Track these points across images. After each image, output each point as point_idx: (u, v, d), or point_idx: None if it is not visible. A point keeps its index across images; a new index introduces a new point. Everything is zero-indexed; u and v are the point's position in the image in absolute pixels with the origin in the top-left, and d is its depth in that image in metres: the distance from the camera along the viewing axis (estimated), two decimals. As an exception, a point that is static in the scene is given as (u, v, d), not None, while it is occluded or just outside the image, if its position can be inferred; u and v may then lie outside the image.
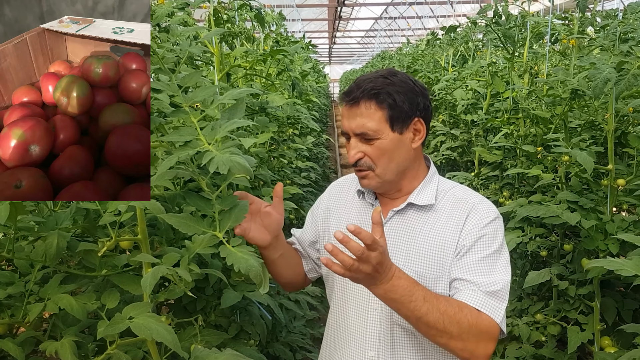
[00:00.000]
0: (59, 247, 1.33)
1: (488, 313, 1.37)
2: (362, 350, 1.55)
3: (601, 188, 2.73)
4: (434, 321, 1.31)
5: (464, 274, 1.43)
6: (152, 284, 1.20)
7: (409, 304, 1.29)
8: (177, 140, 1.18)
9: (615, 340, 2.61)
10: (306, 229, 1.78)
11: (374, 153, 1.48)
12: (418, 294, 1.30)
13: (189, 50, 1.31)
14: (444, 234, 1.49)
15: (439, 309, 1.31)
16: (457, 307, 1.34)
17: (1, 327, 1.41)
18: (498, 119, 3.91)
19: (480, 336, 1.35)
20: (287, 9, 10.62)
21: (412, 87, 1.50)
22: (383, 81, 1.48)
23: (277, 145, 3.83)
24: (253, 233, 1.51)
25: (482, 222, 1.48)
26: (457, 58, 6.59)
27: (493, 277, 1.42)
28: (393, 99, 1.46)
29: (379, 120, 1.46)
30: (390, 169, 1.50)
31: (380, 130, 1.46)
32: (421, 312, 1.30)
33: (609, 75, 2.21)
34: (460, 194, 1.56)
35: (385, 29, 23.78)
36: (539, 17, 4.02)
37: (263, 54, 2.56)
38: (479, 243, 1.46)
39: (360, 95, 1.46)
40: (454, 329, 1.32)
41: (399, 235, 1.54)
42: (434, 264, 1.48)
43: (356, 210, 1.65)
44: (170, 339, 1.24)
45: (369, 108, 1.46)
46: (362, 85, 1.47)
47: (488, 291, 1.39)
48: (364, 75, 1.52)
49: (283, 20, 4.03)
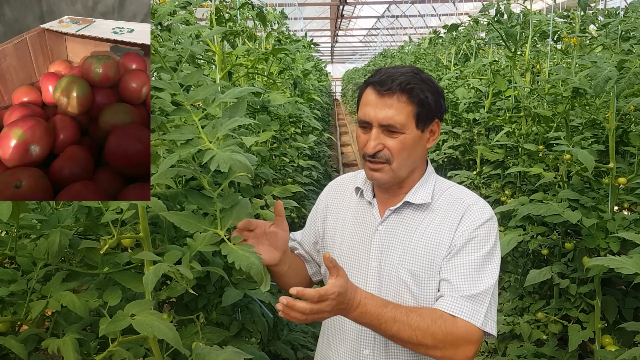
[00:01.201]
0: (61, 244, 1.34)
1: (466, 318, 1.39)
2: (357, 348, 1.55)
3: (602, 186, 2.73)
4: (407, 337, 1.35)
5: (450, 275, 1.45)
6: (153, 282, 1.21)
7: (379, 326, 1.34)
8: (179, 139, 1.19)
9: (616, 338, 2.61)
10: (306, 231, 1.78)
11: (396, 147, 1.47)
12: (387, 315, 1.34)
13: (190, 49, 1.32)
14: (439, 233, 1.49)
15: (410, 325, 1.35)
16: (430, 320, 1.37)
17: (4, 324, 1.42)
18: (500, 117, 3.91)
19: (457, 342, 1.38)
20: (289, 8, 10.62)
21: (437, 88, 1.51)
22: (415, 77, 1.47)
23: (278, 144, 3.83)
24: (264, 256, 1.51)
25: (475, 223, 1.48)
26: (459, 56, 6.58)
27: (476, 281, 1.43)
28: (425, 96, 1.47)
29: (408, 115, 1.46)
30: (406, 165, 1.51)
31: (407, 125, 1.46)
32: (392, 331, 1.34)
33: (610, 74, 2.21)
34: (457, 194, 1.56)
35: (387, 28, 23.77)
36: (541, 15, 4.01)
37: (265, 52, 2.56)
38: (469, 245, 1.46)
39: (395, 87, 1.45)
40: (429, 340, 1.36)
41: (396, 235, 1.54)
42: (427, 263, 1.48)
43: (353, 210, 1.65)
44: (172, 337, 1.24)
45: (400, 101, 1.45)
46: (395, 78, 1.46)
47: (468, 295, 1.41)
48: (392, 68, 1.51)
49: (285, 19, 4.03)
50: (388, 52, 14.35)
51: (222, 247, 1.26)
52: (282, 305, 1.23)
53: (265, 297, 2.17)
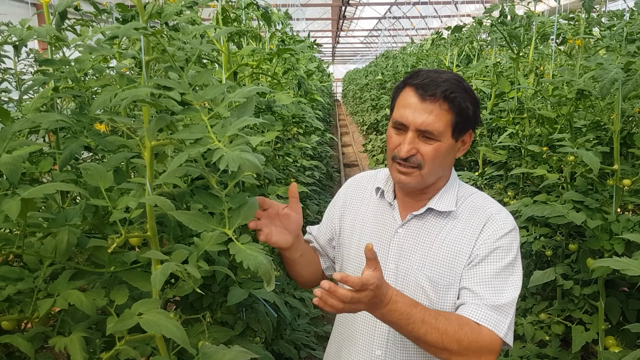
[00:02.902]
0: (69, 243, 1.34)
1: (490, 327, 1.38)
2: (369, 349, 1.55)
3: (606, 188, 2.73)
4: (433, 341, 1.32)
5: (473, 284, 1.43)
6: (162, 280, 1.21)
7: (407, 326, 1.31)
8: (188, 138, 1.19)
9: (620, 340, 2.61)
10: (323, 226, 1.78)
11: (430, 154, 1.45)
12: (416, 316, 1.31)
13: (200, 48, 1.32)
14: (460, 241, 1.48)
15: (437, 329, 1.32)
16: (457, 326, 1.35)
17: (10, 322, 1.42)
18: (503, 118, 3.91)
19: (481, 351, 1.36)
20: (292, 8, 10.62)
21: (476, 99, 1.49)
22: (458, 85, 1.45)
23: (282, 144, 3.84)
24: (275, 237, 1.50)
25: (498, 233, 1.46)
26: (462, 58, 6.58)
27: (501, 291, 1.41)
28: (466, 105, 1.45)
29: (447, 123, 1.44)
30: (435, 172, 1.49)
31: (443, 134, 1.44)
32: (419, 333, 1.31)
33: (617, 76, 2.21)
34: (479, 202, 1.54)
35: (388, 29, 23.77)
36: (544, 17, 4.01)
37: (270, 52, 2.56)
38: (492, 255, 1.45)
39: (439, 94, 1.42)
40: (454, 346, 1.33)
41: (416, 239, 1.53)
42: (447, 271, 1.47)
43: (373, 209, 1.64)
44: (179, 335, 1.24)
45: (442, 109, 1.43)
46: (439, 84, 1.43)
47: (493, 305, 1.39)
48: (434, 72, 1.47)
49: (289, 20, 4.03)
50: (390, 53, 14.35)
51: (230, 247, 1.26)
52: (321, 291, 1.19)
53: (269, 297, 2.17)
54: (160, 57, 1.31)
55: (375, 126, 11.54)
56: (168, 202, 1.27)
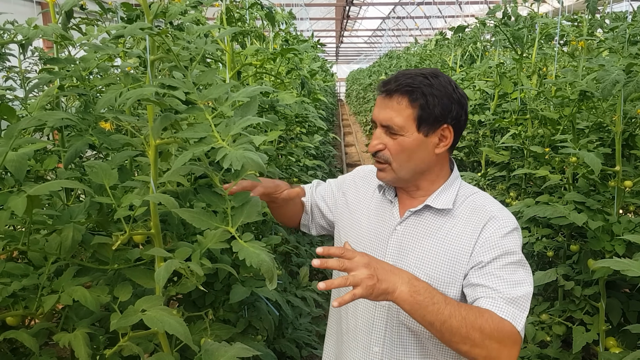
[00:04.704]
0: (74, 240, 1.36)
1: (509, 319, 1.33)
2: (367, 345, 1.57)
3: (608, 189, 2.73)
4: (457, 326, 1.26)
5: (486, 280, 1.41)
6: (165, 278, 1.22)
7: (432, 305, 1.26)
8: (192, 137, 1.20)
9: (620, 340, 2.62)
10: (325, 198, 1.83)
11: (394, 148, 1.48)
12: (439, 296, 1.28)
13: (204, 48, 1.33)
14: (459, 240, 1.48)
15: (460, 313, 1.28)
16: (478, 313, 1.30)
17: (15, 318, 1.44)
18: (506, 119, 3.91)
19: (504, 341, 1.30)
20: (296, 8, 10.63)
21: (450, 94, 1.48)
22: (422, 80, 1.46)
23: (285, 143, 3.85)
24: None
25: (501, 231, 1.46)
26: (465, 58, 6.58)
27: (515, 285, 1.39)
28: (426, 100, 1.45)
29: (407, 117, 1.46)
30: (406, 167, 1.50)
31: (406, 128, 1.46)
32: (445, 314, 1.26)
33: (618, 77, 2.21)
34: (480, 202, 1.54)
35: (392, 29, 23.76)
36: (547, 18, 4.02)
37: (273, 52, 2.57)
38: (500, 253, 1.43)
39: (394, 88, 1.46)
40: (476, 335, 1.27)
41: (414, 236, 1.54)
42: (446, 269, 1.47)
43: (375, 205, 1.66)
44: (182, 332, 1.25)
45: (400, 103, 1.46)
46: (400, 80, 1.47)
47: (509, 298, 1.36)
48: (406, 70, 1.52)
49: (293, 19, 4.04)
50: (393, 53, 14.33)
51: (233, 245, 1.28)
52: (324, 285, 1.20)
53: (271, 295, 2.18)
54: (165, 56, 1.32)
55: (378, 126, 11.50)
56: (172, 199, 1.29)
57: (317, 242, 4.86)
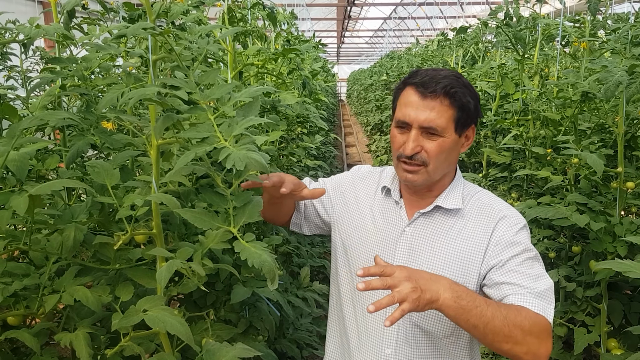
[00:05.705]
0: (75, 239, 1.35)
1: (540, 312, 1.35)
2: (379, 347, 1.55)
3: (610, 191, 2.73)
4: (500, 326, 1.27)
5: (510, 278, 1.41)
6: (167, 278, 1.22)
7: (475, 309, 1.26)
8: (194, 137, 1.20)
9: (622, 342, 2.62)
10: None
11: (434, 150, 1.46)
12: (479, 298, 1.29)
13: (206, 48, 1.33)
14: (471, 240, 1.48)
15: (501, 313, 1.29)
16: (516, 311, 1.31)
17: (16, 318, 1.43)
18: (507, 120, 3.91)
19: (541, 335, 1.32)
20: (297, 8, 10.63)
21: (476, 93, 1.51)
22: (457, 81, 1.46)
23: (286, 144, 3.84)
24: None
25: (513, 229, 1.47)
26: (467, 59, 6.58)
27: (538, 278, 1.41)
28: (467, 100, 1.46)
29: (449, 119, 1.45)
30: (441, 168, 1.50)
31: (447, 129, 1.46)
32: (487, 316, 1.27)
33: (621, 78, 2.21)
34: (486, 200, 1.55)
35: (394, 29, 23.76)
36: (549, 19, 4.02)
37: (275, 52, 2.57)
38: (516, 250, 1.45)
39: (439, 90, 1.44)
40: (518, 332, 1.28)
41: (425, 238, 1.53)
42: (458, 269, 1.47)
43: (379, 207, 1.64)
44: (184, 332, 1.25)
45: (443, 104, 1.45)
46: (439, 81, 1.45)
47: (536, 292, 1.37)
48: (433, 70, 1.50)
49: (295, 19, 4.04)
50: (395, 54, 14.34)
51: (235, 245, 1.27)
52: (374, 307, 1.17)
53: (273, 296, 2.18)
54: (167, 56, 1.32)
55: (379, 127, 11.53)
56: (174, 199, 1.28)
57: (317, 243, 4.86)
